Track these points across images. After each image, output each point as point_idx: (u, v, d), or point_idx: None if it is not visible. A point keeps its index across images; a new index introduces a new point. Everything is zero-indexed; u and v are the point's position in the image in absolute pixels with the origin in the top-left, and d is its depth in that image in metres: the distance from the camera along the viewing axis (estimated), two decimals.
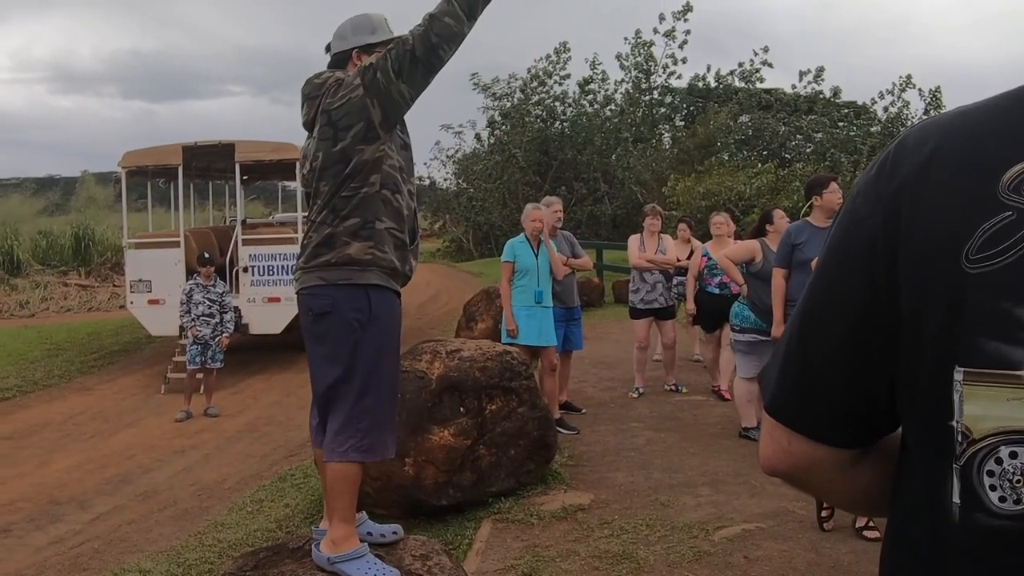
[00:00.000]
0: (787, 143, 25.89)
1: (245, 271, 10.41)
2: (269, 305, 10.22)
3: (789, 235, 4.89)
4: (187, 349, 8.41)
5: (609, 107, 27.47)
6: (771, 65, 26.37)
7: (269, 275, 10.37)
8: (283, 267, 10.23)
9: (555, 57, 26.88)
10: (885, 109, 24.96)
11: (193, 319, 8.24)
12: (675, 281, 7.42)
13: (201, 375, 8.40)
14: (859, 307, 0.75)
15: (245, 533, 4.63)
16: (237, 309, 9.32)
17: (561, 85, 27.11)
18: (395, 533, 2.97)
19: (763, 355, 5.10)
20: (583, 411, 6.50)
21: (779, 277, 4.87)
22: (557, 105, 27.18)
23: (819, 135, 24.97)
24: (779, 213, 5.74)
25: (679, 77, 27.07)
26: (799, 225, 4.92)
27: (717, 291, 6.67)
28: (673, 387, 7.22)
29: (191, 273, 9.12)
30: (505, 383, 4.55)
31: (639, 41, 26.50)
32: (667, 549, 3.78)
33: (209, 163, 12.38)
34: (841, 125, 25.25)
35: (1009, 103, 0.72)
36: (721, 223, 6.98)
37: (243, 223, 11.48)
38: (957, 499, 0.68)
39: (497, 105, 27.37)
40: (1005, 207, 0.66)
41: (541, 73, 26.82)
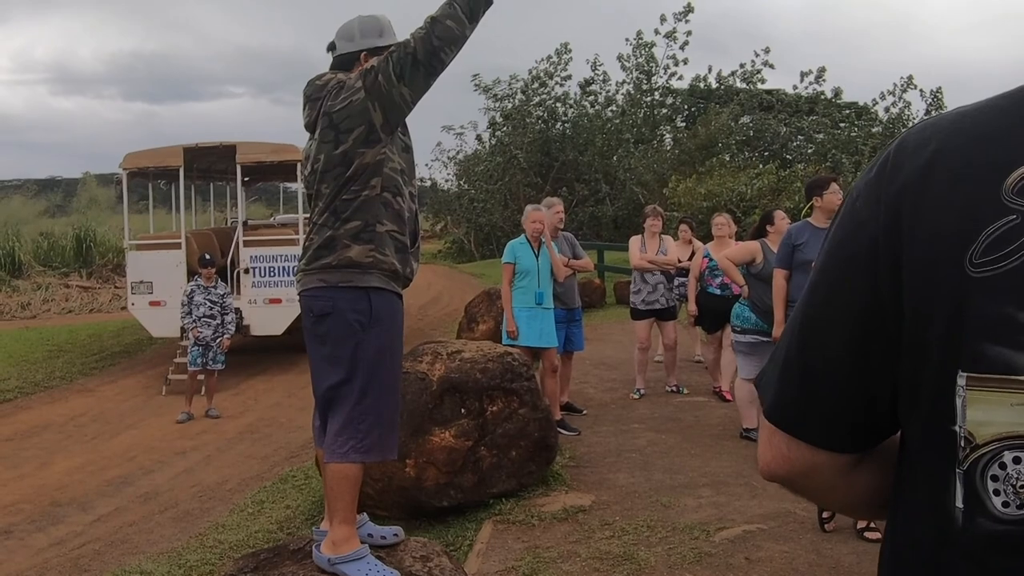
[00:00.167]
0: (788, 144, 25.81)
1: (246, 272, 10.40)
2: (270, 306, 10.22)
3: (790, 236, 4.89)
4: (188, 351, 8.42)
5: (610, 108, 27.40)
6: (772, 66, 26.29)
7: (270, 276, 10.36)
8: (284, 268, 10.22)
9: (556, 58, 26.85)
10: (886, 110, 24.89)
11: (194, 320, 8.24)
12: (676, 282, 7.42)
13: (202, 376, 8.40)
14: (861, 311, 0.74)
15: (246, 534, 4.64)
16: (238, 310, 9.31)
17: (562, 86, 27.08)
18: (396, 535, 2.97)
19: (764, 356, 5.07)
20: (584, 412, 6.50)
21: (780, 278, 4.88)
22: (558, 106, 27.14)
23: (820, 136, 24.88)
24: (780, 214, 5.73)
25: (680, 78, 27.02)
26: (800, 226, 4.92)
27: (718, 292, 6.66)
28: (674, 388, 7.21)
29: (192, 274, 9.14)
30: (506, 384, 4.56)
31: (640, 42, 26.43)
32: (668, 550, 3.78)
33: (210, 164, 12.37)
34: (842, 126, 25.19)
35: (1009, 103, 0.71)
36: (722, 224, 6.97)
37: (244, 224, 11.47)
38: (960, 504, 0.67)
39: (498, 106, 27.34)
40: (1009, 211, 0.65)
41: (542, 74, 26.78)
